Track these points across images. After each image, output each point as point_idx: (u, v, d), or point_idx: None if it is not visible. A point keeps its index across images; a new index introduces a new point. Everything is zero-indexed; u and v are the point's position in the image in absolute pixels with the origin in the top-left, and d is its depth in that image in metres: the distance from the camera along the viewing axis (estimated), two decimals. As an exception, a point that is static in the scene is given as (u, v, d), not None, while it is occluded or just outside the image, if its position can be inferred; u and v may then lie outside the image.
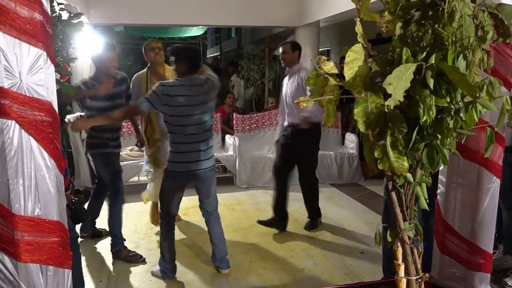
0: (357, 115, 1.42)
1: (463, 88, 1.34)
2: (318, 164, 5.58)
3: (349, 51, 1.45)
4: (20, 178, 1.65)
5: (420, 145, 1.49)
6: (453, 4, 1.34)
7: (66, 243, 1.81)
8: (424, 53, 1.42)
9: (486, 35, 1.44)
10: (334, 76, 1.53)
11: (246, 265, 3.47)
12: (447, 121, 1.44)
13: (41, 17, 1.62)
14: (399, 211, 1.59)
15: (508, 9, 1.50)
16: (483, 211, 2.42)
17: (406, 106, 1.42)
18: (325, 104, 1.58)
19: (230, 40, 16.82)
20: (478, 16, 1.42)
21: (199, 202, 3.29)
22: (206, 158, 3.09)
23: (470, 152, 2.34)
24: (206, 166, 3.10)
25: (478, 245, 2.46)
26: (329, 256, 3.62)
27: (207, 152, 3.10)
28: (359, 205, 5.01)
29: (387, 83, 1.31)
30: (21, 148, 1.63)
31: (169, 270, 3.21)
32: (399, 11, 1.46)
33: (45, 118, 1.66)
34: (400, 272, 1.63)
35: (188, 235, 4.10)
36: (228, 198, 5.10)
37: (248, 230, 4.23)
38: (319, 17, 6.48)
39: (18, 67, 1.59)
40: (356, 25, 1.44)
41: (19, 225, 1.65)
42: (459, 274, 2.54)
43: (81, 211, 2.65)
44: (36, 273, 1.71)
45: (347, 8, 5.12)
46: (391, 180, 1.57)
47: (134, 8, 6.79)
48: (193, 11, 6.93)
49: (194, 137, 3.03)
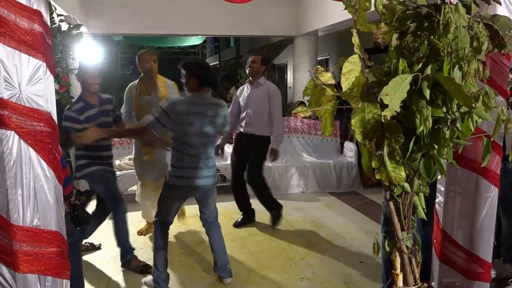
0: (354, 125, 1.43)
1: (459, 99, 1.36)
2: (318, 173, 5.77)
3: (346, 62, 1.47)
4: (19, 188, 1.65)
5: (417, 155, 1.50)
6: (448, 15, 1.35)
7: (64, 253, 1.81)
8: (420, 64, 1.43)
9: (481, 46, 1.45)
10: (332, 86, 1.54)
11: (245, 274, 3.46)
12: (444, 131, 1.45)
13: (41, 29, 1.63)
14: (397, 221, 1.59)
15: (503, 20, 1.52)
16: (482, 220, 2.42)
17: (403, 117, 1.43)
18: (323, 114, 1.60)
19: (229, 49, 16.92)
20: (473, 27, 1.44)
21: (199, 213, 3.29)
22: (209, 175, 3.11)
23: (468, 161, 2.34)
24: (210, 182, 3.12)
25: (476, 254, 2.46)
26: (328, 265, 3.62)
27: (211, 169, 3.12)
28: (358, 213, 5.00)
29: (383, 94, 1.32)
30: (20, 158, 1.64)
31: (162, 280, 3.18)
32: (395, 23, 1.48)
33: (44, 128, 1.67)
34: (398, 282, 1.63)
35: (187, 244, 4.09)
36: (227, 207, 5.09)
37: (246, 239, 4.22)
38: (317, 26, 6.53)
39: (17, 78, 1.60)
40: (353, 36, 1.46)
41: (18, 236, 1.65)
42: (458, 284, 2.53)
43: (83, 215, 2.64)
44: (34, 284, 1.70)
45: (345, 18, 5.16)
46: (388, 189, 1.58)
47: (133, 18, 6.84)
48: (192, 21, 6.98)
49: (200, 154, 3.03)
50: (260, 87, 4.39)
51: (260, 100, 4.36)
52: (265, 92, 4.36)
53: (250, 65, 4.38)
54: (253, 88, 4.42)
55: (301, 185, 5.89)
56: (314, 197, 5.68)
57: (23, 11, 1.58)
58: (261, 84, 4.41)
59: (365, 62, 1.48)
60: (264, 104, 4.34)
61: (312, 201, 5.48)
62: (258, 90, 4.39)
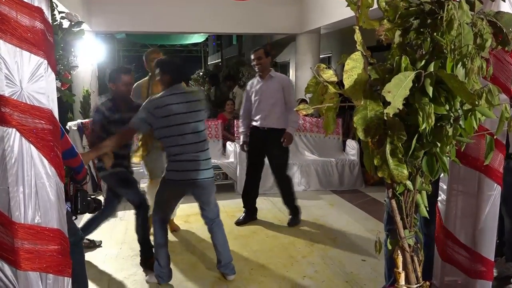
0: (357, 123, 1.42)
1: (462, 96, 1.35)
2: (320, 171, 5.78)
3: (348, 59, 1.45)
4: (20, 186, 1.65)
5: (419, 152, 1.49)
6: (452, 12, 1.34)
7: (66, 251, 1.81)
8: (423, 61, 1.42)
9: (484, 43, 1.44)
10: (334, 83, 1.53)
11: (247, 272, 3.46)
12: (447, 128, 1.44)
13: (42, 26, 1.63)
14: (399, 219, 1.59)
15: (507, 17, 1.51)
16: (484, 219, 2.41)
17: (405, 114, 1.42)
18: (325, 111, 1.59)
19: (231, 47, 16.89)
20: (476, 24, 1.43)
21: (200, 210, 3.28)
22: (205, 168, 3.10)
23: (471, 159, 2.33)
24: (206, 176, 3.11)
25: (479, 252, 2.45)
26: (330, 263, 3.61)
27: (206, 162, 3.11)
28: (360, 212, 5.00)
29: (386, 91, 1.31)
30: (21, 156, 1.63)
31: (165, 275, 3.20)
32: (398, 19, 1.47)
33: (45, 126, 1.67)
34: (400, 280, 1.62)
35: (188, 242, 4.09)
36: (229, 205, 5.10)
37: (248, 237, 4.22)
38: (319, 24, 6.51)
39: (19, 76, 1.59)
40: (355, 33, 1.45)
41: (19, 233, 1.65)
42: (460, 282, 2.52)
43: (82, 203, 2.62)
44: (36, 281, 1.70)
45: (348, 16, 5.14)
46: (391, 187, 1.57)
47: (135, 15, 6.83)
48: (194, 19, 6.97)
49: (192, 146, 3.04)
50: (273, 79, 4.38)
51: (274, 92, 4.35)
52: (279, 83, 4.36)
53: (257, 63, 4.35)
54: (265, 82, 4.40)
55: (303, 183, 5.88)
56: (316, 195, 5.68)
57: (24, 8, 1.57)
58: (273, 76, 4.40)
59: (367, 59, 1.47)
60: (279, 95, 4.33)
61: (314, 199, 5.47)
62: (270, 83, 4.37)
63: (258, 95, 4.42)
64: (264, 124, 4.40)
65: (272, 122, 4.37)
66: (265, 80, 4.40)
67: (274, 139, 4.36)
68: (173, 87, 3.08)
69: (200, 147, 3.08)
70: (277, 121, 4.37)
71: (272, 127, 4.37)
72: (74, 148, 2.37)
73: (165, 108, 2.97)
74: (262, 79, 4.41)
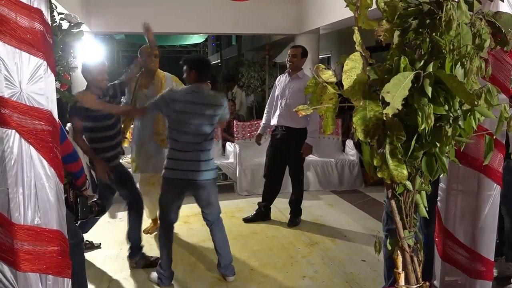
0: (356, 123, 1.42)
1: (461, 96, 1.35)
2: (319, 171, 5.79)
3: (347, 59, 1.45)
4: (20, 187, 1.65)
5: (419, 153, 1.49)
6: (450, 12, 1.34)
7: (65, 252, 1.81)
8: (422, 61, 1.42)
9: (483, 43, 1.44)
10: (333, 84, 1.53)
11: (247, 273, 3.46)
12: (446, 129, 1.44)
13: (41, 27, 1.63)
14: (398, 219, 1.59)
15: (505, 17, 1.51)
16: (484, 218, 2.41)
17: (404, 114, 1.42)
18: (324, 112, 1.59)
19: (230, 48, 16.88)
20: (475, 24, 1.43)
21: (201, 212, 3.28)
22: (206, 169, 3.09)
23: (470, 159, 2.33)
24: (207, 177, 3.10)
25: (479, 252, 2.45)
26: (329, 263, 3.61)
27: (207, 163, 3.10)
28: (360, 212, 5.00)
29: (385, 91, 1.31)
30: (21, 157, 1.63)
31: (166, 277, 3.20)
32: (396, 20, 1.46)
33: (45, 127, 1.67)
34: (400, 281, 1.62)
35: (188, 243, 4.09)
36: (229, 205, 5.10)
37: (248, 237, 4.22)
38: (318, 24, 6.51)
39: (18, 77, 1.59)
40: (354, 34, 1.45)
41: (19, 234, 1.65)
42: (460, 282, 2.52)
43: (82, 209, 2.63)
44: (35, 282, 1.70)
45: (347, 16, 5.14)
46: (390, 188, 1.57)
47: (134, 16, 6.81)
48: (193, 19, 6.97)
49: (194, 146, 3.04)
50: (299, 80, 4.36)
51: (295, 92, 4.33)
52: (303, 86, 4.32)
53: (291, 59, 4.35)
54: (291, 80, 4.41)
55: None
56: (316, 195, 5.68)
57: (23, 10, 1.57)
58: (300, 77, 4.38)
59: (366, 60, 1.47)
60: (300, 97, 4.23)
61: (313, 200, 5.48)
62: (296, 83, 4.36)
63: (281, 92, 4.45)
64: (280, 122, 4.41)
65: (289, 121, 4.34)
66: (291, 79, 4.41)
67: (291, 139, 4.36)
68: (196, 85, 3.11)
69: (201, 147, 3.08)
70: (295, 121, 4.30)
71: (290, 126, 4.35)
72: (76, 152, 2.37)
73: (179, 103, 3.02)
74: (290, 77, 4.44)
